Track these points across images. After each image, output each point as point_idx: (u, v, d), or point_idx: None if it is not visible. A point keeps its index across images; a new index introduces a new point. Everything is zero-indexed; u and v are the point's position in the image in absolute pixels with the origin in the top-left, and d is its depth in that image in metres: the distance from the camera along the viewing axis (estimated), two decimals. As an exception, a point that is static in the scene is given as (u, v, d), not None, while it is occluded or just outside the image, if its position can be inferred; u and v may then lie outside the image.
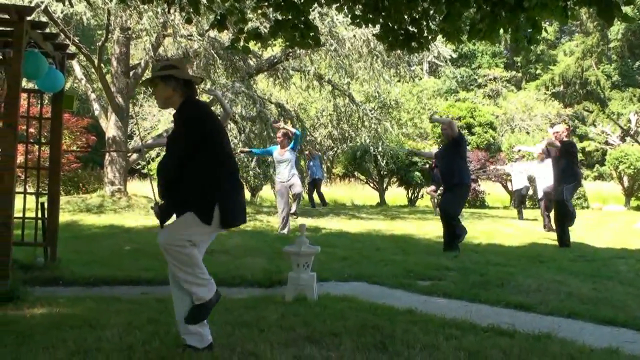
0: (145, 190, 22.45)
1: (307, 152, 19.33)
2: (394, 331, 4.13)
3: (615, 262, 7.89)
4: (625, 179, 22.52)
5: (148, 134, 22.54)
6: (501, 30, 4.89)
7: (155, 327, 4.09)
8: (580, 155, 30.16)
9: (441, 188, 17.39)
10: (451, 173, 8.85)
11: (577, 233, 10.16)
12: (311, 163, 18.84)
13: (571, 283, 6.23)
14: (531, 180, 15.45)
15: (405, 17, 5.66)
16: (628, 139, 30.08)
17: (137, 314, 4.48)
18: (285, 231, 10.52)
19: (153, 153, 22.60)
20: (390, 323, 4.36)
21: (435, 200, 18.18)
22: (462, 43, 6.03)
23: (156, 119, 23.08)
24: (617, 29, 42.22)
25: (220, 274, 5.61)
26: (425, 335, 4.04)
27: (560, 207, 9.55)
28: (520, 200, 16.56)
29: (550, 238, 10.57)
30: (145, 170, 25.04)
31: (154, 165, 23.58)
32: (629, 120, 34.78)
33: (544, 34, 5.30)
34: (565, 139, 9.67)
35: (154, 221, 12.65)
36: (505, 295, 5.51)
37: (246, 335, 3.97)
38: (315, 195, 19.04)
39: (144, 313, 4.51)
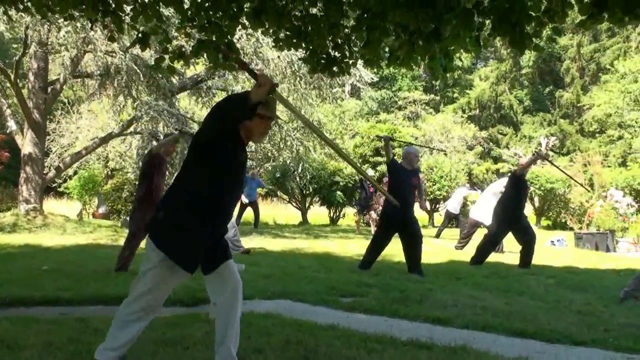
0: (60, 209, 21.78)
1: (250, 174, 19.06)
2: (317, 346, 4.20)
3: (526, 278, 8.26)
4: (536, 199, 23.53)
5: (65, 151, 21.86)
6: (418, 58, 5.11)
7: (77, 346, 4.01)
8: (495, 177, 31.42)
9: (371, 213, 17.69)
10: (410, 204, 8.65)
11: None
12: (254, 184, 18.40)
13: (486, 298, 6.49)
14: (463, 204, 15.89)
15: (328, 42, 5.82)
16: (538, 161, 31.31)
17: (56, 334, 4.36)
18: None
19: (70, 171, 21.93)
20: (314, 338, 4.43)
21: (359, 225, 18.49)
22: (382, 69, 6.22)
23: (74, 136, 22.45)
24: (528, 56, 44.42)
25: (143, 293, 5.53)
26: (347, 350, 4.14)
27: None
28: (447, 223, 16.94)
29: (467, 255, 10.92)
30: (61, 189, 24.23)
31: (70, 184, 22.88)
32: (539, 144, 36.33)
33: (458, 62, 5.57)
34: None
35: (71, 240, 12.33)
36: (424, 310, 5.67)
37: (170, 353, 3.95)
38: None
39: (64, 333, 4.38)
